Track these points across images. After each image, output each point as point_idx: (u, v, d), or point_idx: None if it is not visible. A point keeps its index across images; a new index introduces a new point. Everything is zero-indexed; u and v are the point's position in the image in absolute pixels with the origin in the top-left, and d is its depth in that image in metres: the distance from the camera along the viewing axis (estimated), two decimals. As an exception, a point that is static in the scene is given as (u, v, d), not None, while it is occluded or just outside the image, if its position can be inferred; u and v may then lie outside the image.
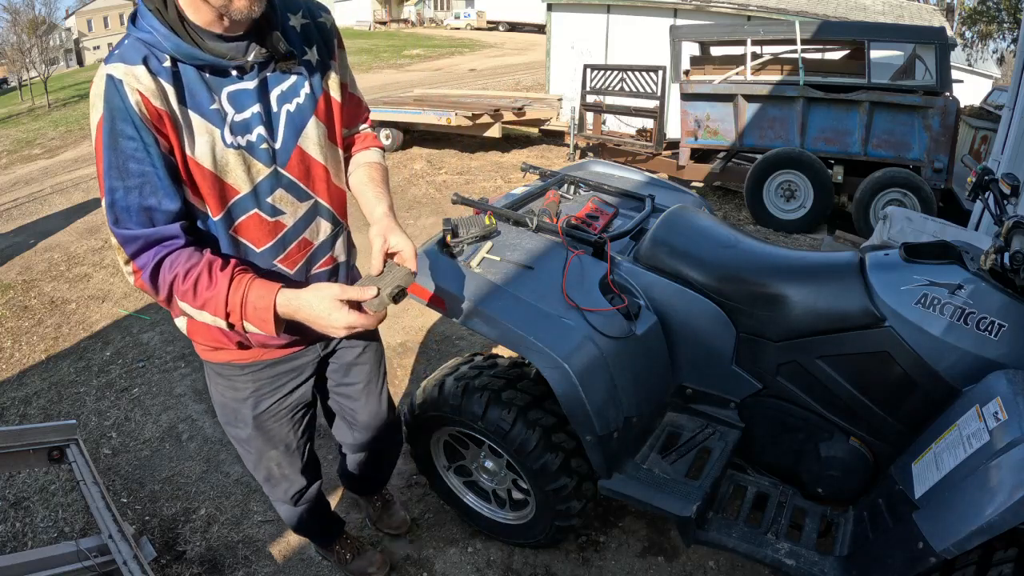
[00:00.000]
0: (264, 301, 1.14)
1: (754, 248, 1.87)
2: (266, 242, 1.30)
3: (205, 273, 1.13)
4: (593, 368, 1.62)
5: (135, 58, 1.10)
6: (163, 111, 1.11)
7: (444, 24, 37.14)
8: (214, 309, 1.14)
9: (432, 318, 3.66)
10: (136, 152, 1.10)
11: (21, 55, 21.54)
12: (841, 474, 1.73)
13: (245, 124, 1.21)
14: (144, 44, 1.11)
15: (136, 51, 1.11)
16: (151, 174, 1.12)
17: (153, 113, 1.10)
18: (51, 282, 4.72)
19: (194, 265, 1.14)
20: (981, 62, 19.65)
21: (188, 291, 1.13)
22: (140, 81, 1.09)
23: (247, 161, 1.22)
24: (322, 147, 1.33)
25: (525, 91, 11.28)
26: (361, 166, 1.48)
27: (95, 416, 2.98)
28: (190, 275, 1.13)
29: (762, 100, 5.53)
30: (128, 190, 1.11)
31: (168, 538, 2.25)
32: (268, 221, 1.29)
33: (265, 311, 1.14)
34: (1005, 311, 1.47)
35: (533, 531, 2.01)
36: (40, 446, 1.69)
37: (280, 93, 1.25)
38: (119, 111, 1.08)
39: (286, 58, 1.23)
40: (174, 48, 1.11)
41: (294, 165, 1.29)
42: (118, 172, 1.11)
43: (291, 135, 1.27)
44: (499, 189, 6.49)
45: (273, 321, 1.14)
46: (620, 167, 2.62)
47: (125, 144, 1.10)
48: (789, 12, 8.19)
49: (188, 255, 1.15)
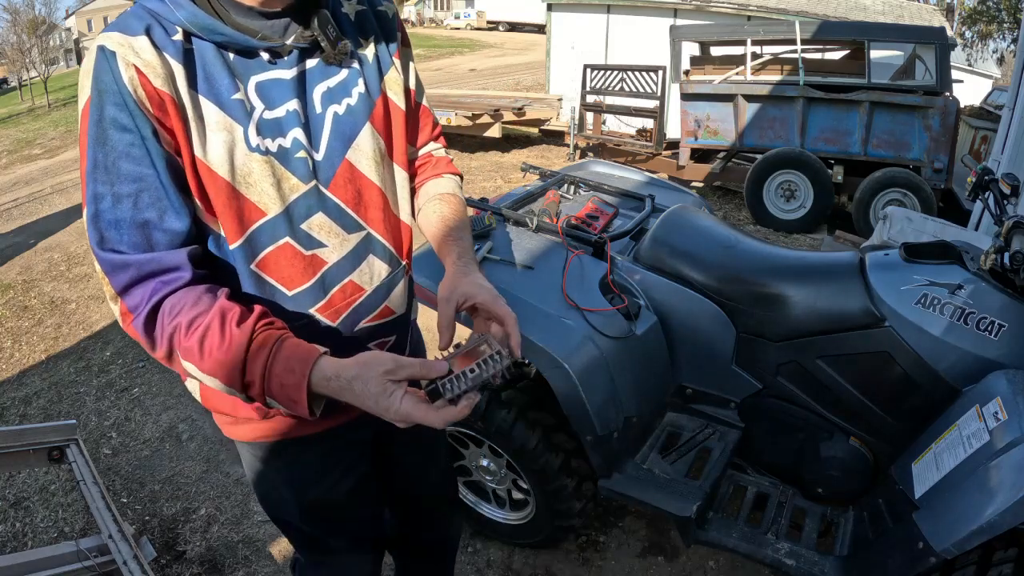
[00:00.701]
0: (293, 377, 0.81)
1: (754, 248, 1.87)
2: (300, 283, 0.98)
3: (216, 326, 0.82)
4: (593, 368, 1.62)
5: (136, 27, 0.85)
6: (165, 95, 0.84)
7: (444, 24, 37.15)
8: (227, 377, 0.83)
9: (432, 318, 3.65)
10: (131, 148, 0.84)
11: (21, 55, 21.53)
12: (841, 474, 1.73)
13: (277, 124, 0.92)
14: (150, 13, 0.87)
15: (138, 19, 0.86)
16: (150, 178, 0.85)
17: (152, 96, 0.84)
18: (51, 282, 4.72)
19: (202, 313, 0.83)
20: (981, 62, 19.66)
21: (192, 349, 0.82)
22: (138, 55, 0.83)
23: (277, 172, 0.92)
24: (378, 164, 1.02)
25: (525, 91, 11.29)
26: (432, 200, 1.15)
27: (95, 416, 2.98)
28: (196, 327, 0.82)
29: (762, 100, 5.53)
30: (118, 198, 0.84)
31: (168, 538, 2.25)
32: (303, 255, 0.97)
33: (295, 389, 0.81)
34: (1005, 311, 1.47)
35: (533, 531, 2.01)
36: (40, 446, 1.69)
37: (327, 90, 0.96)
38: (110, 92, 0.83)
39: (336, 46, 0.95)
40: (189, 18, 0.86)
41: (341, 184, 0.98)
42: (106, 173, 0.84)
43: (338, 145, 0.98)
44: (499, 189, 6.49)
45: (307, 402, 0.82)
46: (620, 167, 2.62)
47: (116, 137, 0.84)
48: (789, 12, 8.19)
49: (195, 297, 0.85)
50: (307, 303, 0.99)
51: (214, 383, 0.85)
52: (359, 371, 0.81)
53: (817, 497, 1.78)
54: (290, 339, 0.85)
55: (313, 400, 0.82)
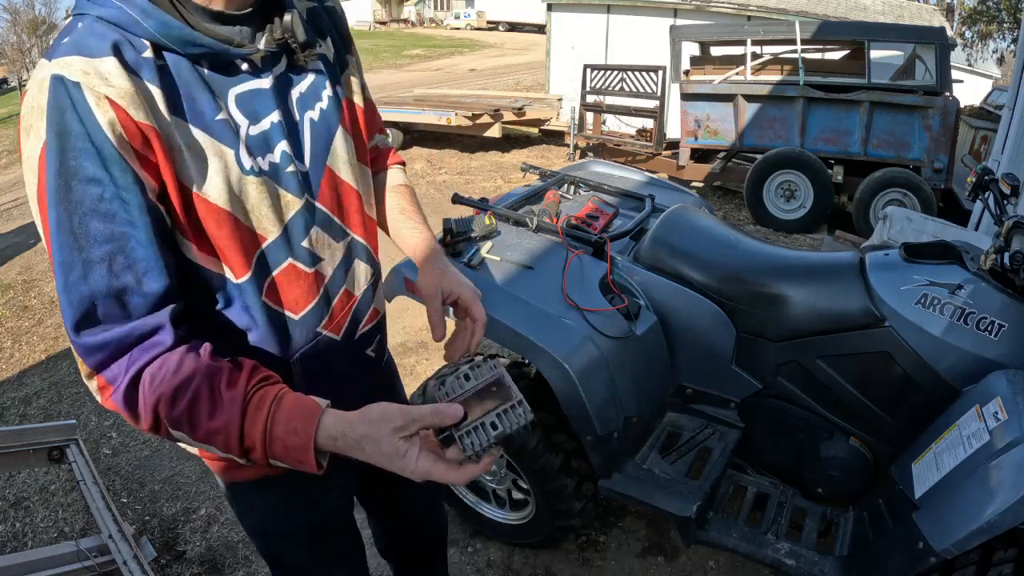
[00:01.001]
0: (298, 439, 0.75)
1: (754, 248, 1.87)
2: (307, 303, 0.93)
3: (205, 392, 0.75)
4: (593, 368, 1.62)
5: (99, 47, 0.71)
6: (148, 127, 0.73)
7: (444, 24, 37.15)
8: (224, 445, 0.77)
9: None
10: (102, 204, 0.71)
11: (21, 55, 21.55)
12: (841, 474, 1.73)
13: (264, 139, 0.84)
14: (111, 26, 0.73)
15: (99, 36, 0.72)
16: (126, 237, 0.73)
17: (133, 133, 0.72)
18: (51, 282, 4.72)
19: (187, 379, 0.75)
20: (981, 62, 19.66)
21: (181, 419, 0.76)
22: (109, 82, 0.70)
23: (273, 192, 0.85)
24: (353, 167, 0.98)
25: (525, 91, 11.28)
26: (390, 192, 1.16)
27: (95, 416, 2.98)
28: (182, 395, 0.75)
29: (762, 100, 5.53)
30: (89, 265, 0.72)
31: (168, 538, 2.25)
32: (307, 273, 0.92)
33: (301, 451, 0.76)
34: (1005, 311, 1.47)
35: (533, 531, 2.01)
36: (40, 446, 1.69)
37: (300, 96, 0.90)
38: (74, 135, 0.69)
39: (305, 48, 0.88)
40: (160, 28, 0.74)
41: (326, 193, 0.94)
42: (73, 238, 0.71)
43: (319, 152, 0.92)
44: (499, 189, 6.49)
45: (314, 462, 0.76)
46: (620, 167, 2.62)
47: (84, 191, 0.71)
48: (789, 12, 8.19)
49: (178, 361, 0.76)
50: (314, 323, 0.95)
51: (211, 450, 0.79)
52: (367, 430, 0.75)
53: (817, 497, 1.78)
54: (287, 395, 0.78)
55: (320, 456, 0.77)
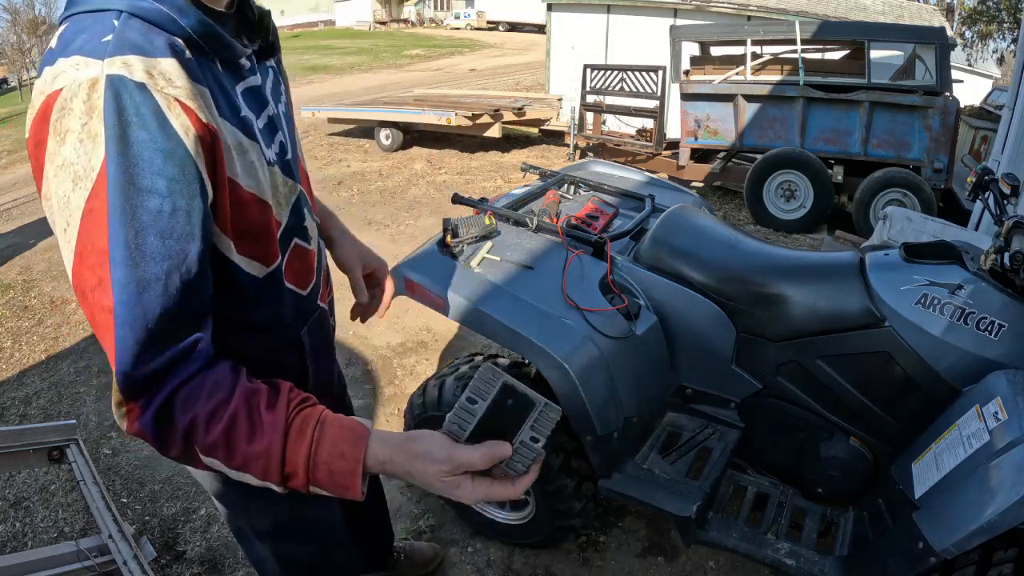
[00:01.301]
0: (345, 463, 0.71)
1: (754, 248, 1.87)
2: (309, 280, 0.99)
3: (243, 415, 0.71)
4: (593, 368, 1.62)
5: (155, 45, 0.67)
6: (214, 129, 0.71)
7: (444, 24, 37.13)
8: (263, 470, 0.71)
9: (432, 318, 3.66)
10: (166, 219, 0.67)
11: (21, 55, 21.56)
12: (841, 474, 1.73)
13: (269, 131, 0.88)
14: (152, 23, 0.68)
15: (146, 34, 0.67)
16: (188, 254, 0.70)
17: (203, 136, 0.69)
18: (51, 282, 4.72)
19: (223, 401, 0.71)
20: (981, 62, 19.66)
21: (217, 444, 0.70)
22: (175, 83, 0.67)
23: (281, 180, 0.90)
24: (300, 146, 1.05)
25: (525, 91, 11.28)
26: None
27: (95, 416, 2.97)
28: (218, 419, 0.70)
29: (762, 100, 5.53)
30: (144, 287, 0.67)
31: (168, 538, 2.25)
32: (307, 251, 0.98)
33: (349, 476, 0.72)
34: (1005, 311, 1.47)
35: (533, 531, 2.01)
36: (40, 446, 1.69)
37: (272, 88, 0.93)
38: (140, 144, 0.64)
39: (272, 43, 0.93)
40: (196, 27, 0.71)
41: (302, 175, 1.01)
42: (132, 257, 0.66)
43: (295, 140, 0.98)
44: (499, 189, 6.49)
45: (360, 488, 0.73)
46: (620, 167, 2.62)
47: (149, 204, 0.66)
48: (789, 12, 8.19)
49: (213, 383, 0.72)
50: (315, 296, 1.01)
51: (245, 478, 0.73)
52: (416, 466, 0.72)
53: (817, 497, 1.78)
54: (329, 418, 0.75)
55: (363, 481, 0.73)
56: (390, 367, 3.27)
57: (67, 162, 0.65)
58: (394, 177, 7.04)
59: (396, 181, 6.86)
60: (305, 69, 19.21)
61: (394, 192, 6.49)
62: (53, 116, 0.66)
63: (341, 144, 8.78)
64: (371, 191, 6.55)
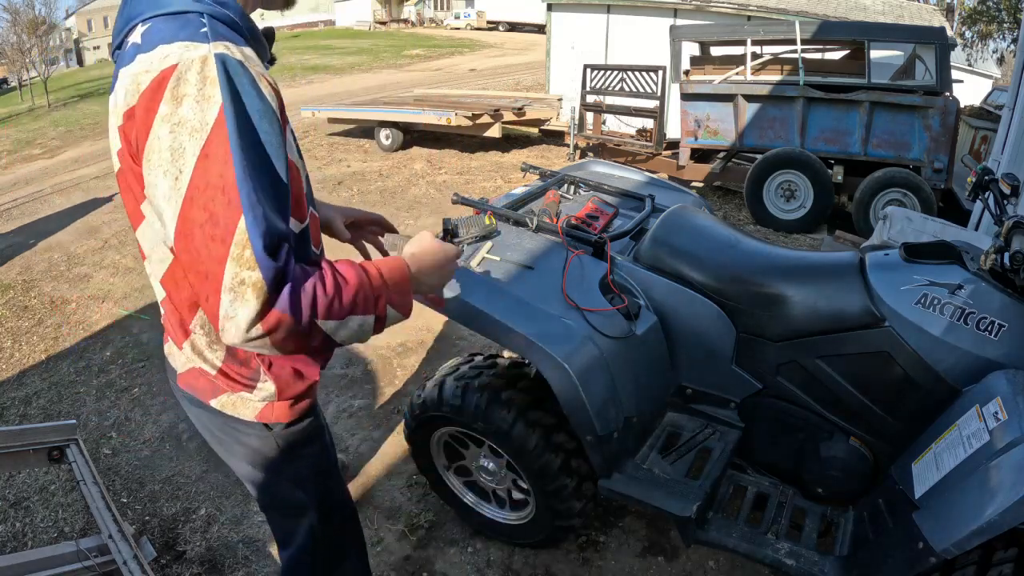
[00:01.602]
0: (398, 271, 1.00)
1: (754, 248, 1.87)
2: (319, 242, 1.17)
3: (330, 276, 0.91)
4: (593, 368, 1.62)
5: (237, 37, 0.89)
6: (281, 101, 0.94)
7: (444, 24, 37.14)
8: (364, 305, 0.94)
9: (432, 318, 3.66)
10: (272, 149, 0.88)
11: (21, 55, 21.50)
12: (841, 474, 1.73)
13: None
14: (228, 23, 0.90)
15: (225, 30, 0.89)
16: (283, 188, 0.91)
17: (280, 105, 0.92)
18: (51, 282, 4.72)
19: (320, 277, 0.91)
20: (981, 62, 19.66)
21: (333, 300, 0.90)
22: (256, 64, 0.89)
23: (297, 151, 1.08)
24: None
25: (525, 91, 11.28)
26: None
27: (95, 416, 2.98)
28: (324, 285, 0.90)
29: (762, 100, 5.53)
30: (265, 200, 0.86)
31: (168, 538, 2.25)
32: (315, 216, 1.16)
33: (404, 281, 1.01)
34: (1005, 311, 1.47)
35: (533, 531, 2.01)
36: (40, 446, 1.69)
37: None
38: (250, 97, 0.85)
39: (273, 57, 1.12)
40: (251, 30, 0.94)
41: None
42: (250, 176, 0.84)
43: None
44: (499, 189, 6.49)
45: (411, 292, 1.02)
46: (620, 167, 2.62)
47: (257, 144, 0.86)
48: (789, 12, 8.19)
49: (302, 273, 0.91)
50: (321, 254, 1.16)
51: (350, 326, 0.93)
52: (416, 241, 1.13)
53: (817, 497, 1.78)
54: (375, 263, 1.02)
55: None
56: (390, 367, 3.27)
57: (183, 120, 0.82)
58: (394, 177, 7.04)
59: (396, 181, 6.86)
60: (305, 69, 19.22)
61: (394, 192, 6.49)
62: (170, 84, 0.82)
63: (341, 144, 8.79)
64: (371, 191, 6.55)
